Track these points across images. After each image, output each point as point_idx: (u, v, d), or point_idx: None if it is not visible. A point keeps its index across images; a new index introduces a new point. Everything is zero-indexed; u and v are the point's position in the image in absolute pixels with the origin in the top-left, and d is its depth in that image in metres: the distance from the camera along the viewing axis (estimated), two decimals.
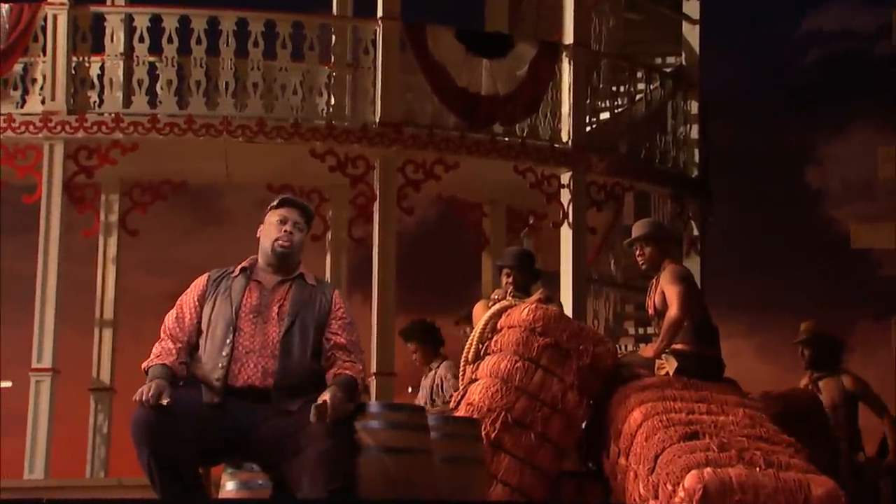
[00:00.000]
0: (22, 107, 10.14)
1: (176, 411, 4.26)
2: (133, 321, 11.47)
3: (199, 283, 4.54)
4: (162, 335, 4.48)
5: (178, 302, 4.53)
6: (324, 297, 4.51)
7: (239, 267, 4.55)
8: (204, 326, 4.45)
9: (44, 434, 9.65)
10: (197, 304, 4.48)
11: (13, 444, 10.11)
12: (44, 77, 10.13)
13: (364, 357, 4.56)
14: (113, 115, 10.07)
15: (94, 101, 10.20)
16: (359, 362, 4.48)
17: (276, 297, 4.46)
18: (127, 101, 10.19)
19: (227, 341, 4.38)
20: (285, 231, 4.50)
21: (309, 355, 4.42)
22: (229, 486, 5.21)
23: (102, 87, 10.20)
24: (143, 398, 4.24)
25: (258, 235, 4.58)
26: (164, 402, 4.23)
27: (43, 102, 10.10)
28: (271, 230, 4.53)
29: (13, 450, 9.99)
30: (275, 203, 4.59)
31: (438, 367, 7.50)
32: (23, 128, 10.01)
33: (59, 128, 10.02)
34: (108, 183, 11.08)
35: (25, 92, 10.20)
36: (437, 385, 7.38)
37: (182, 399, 4.32)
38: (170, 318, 4.50)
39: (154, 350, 4.46)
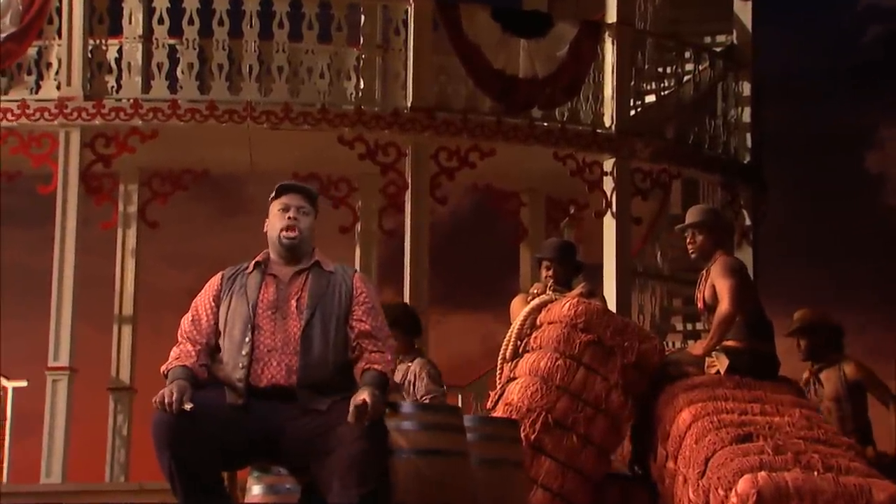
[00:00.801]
0: (36, 92, 10.22)
1: (198, 413, 4.28)
2: (153, 317, 11.54)
3: (213, 282, 4.57)
4: (179, 339, 4.52)
5: (192, 304, 4.57)
6: (344, 284, 4.52)
7: (252, 262, 4.58)
8: (221, 327, 4.48)
9: (61, 436, 9.73)
10: (213, 303, 4.52)
11: (29, 446, 10.20)
12: (59, 61, 10.20)
13: (392, 343, 4.54)
14: (131, 100, 10.13)
15: (112, 87, 10.27)
16: (387, 350, 4.48)
17: (292, 289, 4.48)
18: (146, 86, 10.25)
19: (246, 340, 4.41)
20: (290, 218, 4.52)
21: (332, 348, 4.43)
22: (255, 490, 5.22)
23: (120, 71, 10.27)
24: (166, 401, 4.26)
25: (265, 230, 4.61)
26: (187, 406, 4.26)
27: (58, 88, 10.17)
28: (276, 221, 4.56)
29: (29, 452, 10.09)
30: (274, 193, 4.61)
31: (412, 361, 6.93)
32: (37, 114, 10.09)
33: (75, 114, 10.09)
34: (127, 172, 11.15)
35: (40, 77, 10.28)
36: (410, 382, 7.01)
37: (205, 401, 4.33)
38: (185, 321, 4.54)
39: (172, 354, 4.49)
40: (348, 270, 4.60)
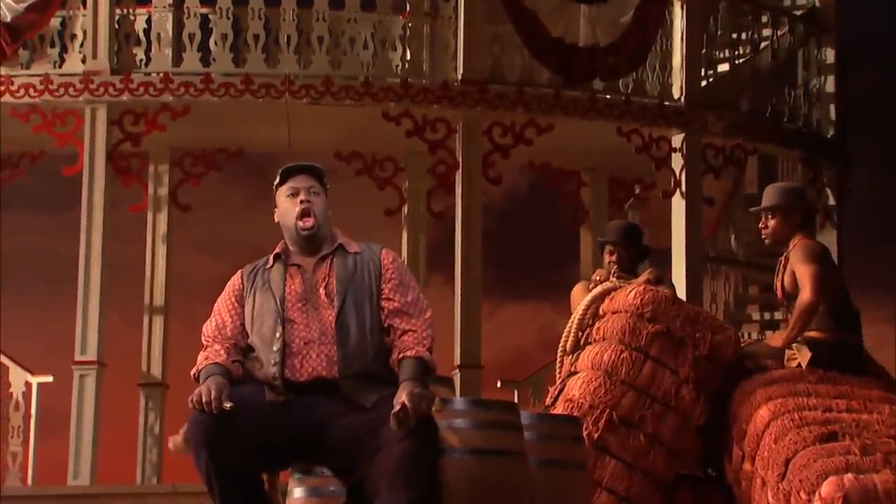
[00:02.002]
0: (60, 66, 10.32)
1: (237, 411, 4.31)
2: (186, 308, 11.63)
3: (234, 282, 4.63)
4: (204, 343, 4.57)
5: (214, 308, 4.62)
6: (372, 263, 4.56)
7: (272, 255, 4.63)
8: (249, 326, 4.53)
9: (89, 435, 9.85)
10: (236, 303, 4.57)
11: (55, 446, 10.34)
12: (84, 33, 10.30)
13: (430, 318, 4.53)
14: (161, 74, 10.21)
15: (141, 60, 10.35)
16: (422, 327, 4.49)
17: (318, 277, 4.53)
18: (177, 59, 10.32)
19: (277, 335, 4.45)
20: (302, 201, 4.56)
21: (369, 332, 4.47)
22: (297, 493, 5.27)
23: (149, 43, 10.34)
24: (205, 400, 4.29)
25: (277, 221, 4.65)
26: (227, 405, 4.29)
27: (84, 61, 10.27)
28: (287, 208, 4.60)
29: (55, 452, 10.23)
30: (278, 179, 4.66)
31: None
32: (62, 90, 10.19)
33: (101, 90, 10.18)
34: (157, 151, 11.25)
35: (64, 50, 10.37)
36: None
37: (243, 397, 4.37)
38: (208, 326, 4.59)
39: (199, 357, 4.54)
40: (374, 249, 4.64)
